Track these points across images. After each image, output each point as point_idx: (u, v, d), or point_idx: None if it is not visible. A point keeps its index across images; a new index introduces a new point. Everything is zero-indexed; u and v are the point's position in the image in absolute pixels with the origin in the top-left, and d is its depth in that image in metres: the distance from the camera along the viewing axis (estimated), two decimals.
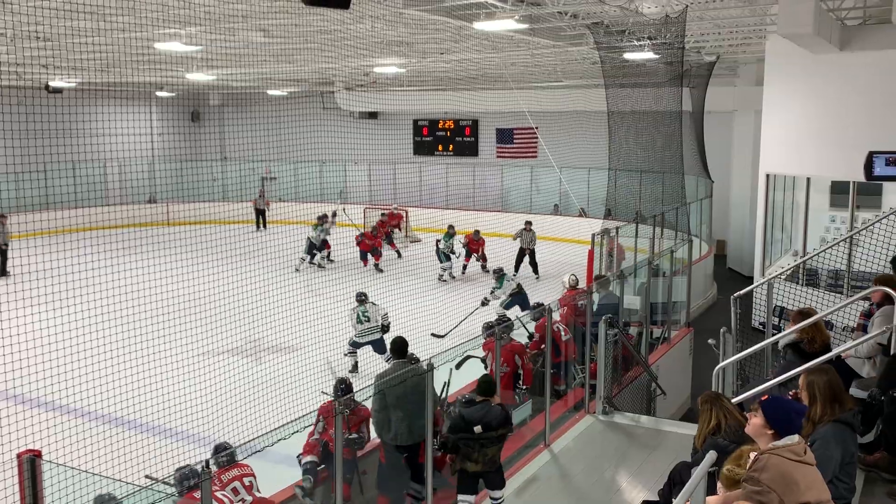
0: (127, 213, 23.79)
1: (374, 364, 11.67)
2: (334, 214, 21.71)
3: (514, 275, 18.71)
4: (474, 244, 19.46)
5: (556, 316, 9.02)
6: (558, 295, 11.61)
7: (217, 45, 14.86)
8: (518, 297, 14.44)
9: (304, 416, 6.17)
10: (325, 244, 20.75)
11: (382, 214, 23.36)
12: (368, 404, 7.19)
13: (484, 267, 19.26)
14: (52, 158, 15.15)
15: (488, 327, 9.00)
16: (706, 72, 18.11)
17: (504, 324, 8.78)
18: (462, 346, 7.92)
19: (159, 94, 28.24)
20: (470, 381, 8.84)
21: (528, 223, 19.62)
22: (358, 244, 20.36)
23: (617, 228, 14.12)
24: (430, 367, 6.24)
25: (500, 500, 6.46)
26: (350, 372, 11.88)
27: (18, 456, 4.84)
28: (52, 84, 21.74)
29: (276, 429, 4.97)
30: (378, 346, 12.10)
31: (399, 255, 21.55)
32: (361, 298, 12.31)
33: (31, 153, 13.93)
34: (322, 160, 26.95)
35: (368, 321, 12.09)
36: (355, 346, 12.28)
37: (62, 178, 16.59)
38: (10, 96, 15.15)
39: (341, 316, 12.33)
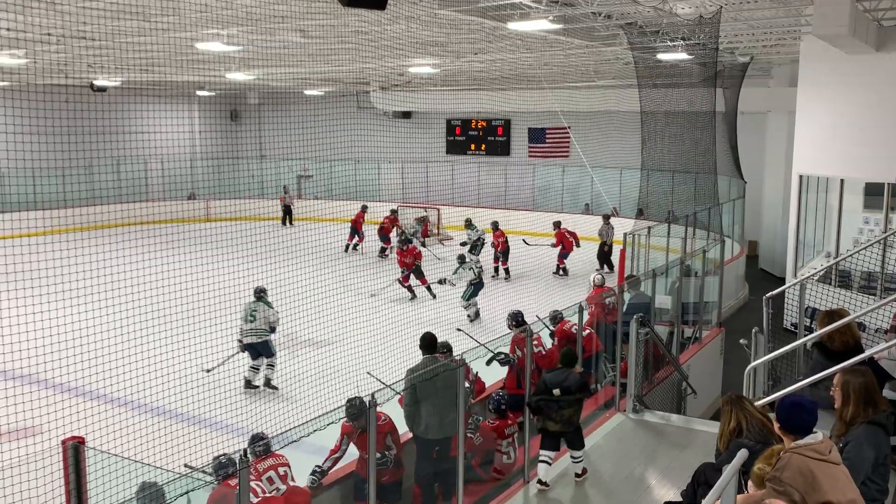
0: (167, 209, 24.23)
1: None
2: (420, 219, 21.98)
3: (606, 271, 18.25)
4: (497, 236, 18.62)
5: (585, 315, 9.10)
6: (585, 293, 11.67)
7: (256, 46, 15.12)
8: (477, 286, 14.78)
9: (337, 408, 6.32)
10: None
11: (392, 211, 22.35)
12: (386, 409, 6.72)
13: (507, 271, 18.77)
14: (96, 155, 15.59)
15: (516, 324, 9.09)
16: (740, 72, 17.99)
17: (523, 325, 8.90)
18: (492, 344, 8.06)
19: (200, 93, 28.74)
20: (500, 377, 9.00)
21: (607, 217, 19.81)
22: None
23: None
24: (462, 363, 6.35)
25: (579, 459, 6.96)
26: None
27: (63, 443, 4.87)
28: (96, 83, 22.22)
29: (310, 420, 5.10)
30: (264, 349, 11.14)
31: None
32: (259, 295, 11.32)
33: (77, 150, 14.32)
34: (357, 159, 27.21)
35: (254, 321, 11.06)
36: (242, 348, 11.20)
37: (106, 174, 17.01)
38: (58, 94, 15.57)
39: (375, 311, 12.45)
